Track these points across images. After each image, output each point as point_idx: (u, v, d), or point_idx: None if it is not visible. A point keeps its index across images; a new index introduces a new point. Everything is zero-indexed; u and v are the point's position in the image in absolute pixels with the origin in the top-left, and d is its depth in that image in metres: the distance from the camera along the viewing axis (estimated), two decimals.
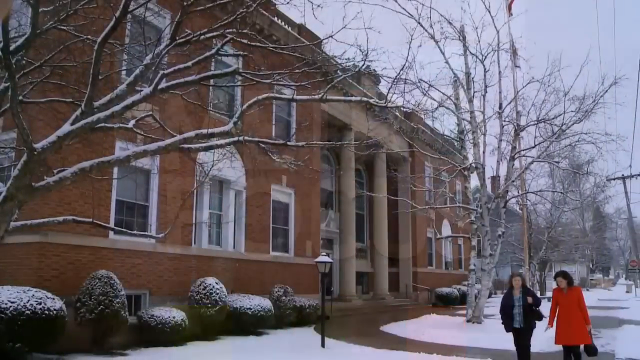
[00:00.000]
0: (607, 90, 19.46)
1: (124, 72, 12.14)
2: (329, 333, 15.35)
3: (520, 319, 9.88)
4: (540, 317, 9.99)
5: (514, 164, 21.10)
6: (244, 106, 7.94)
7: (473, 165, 20.13)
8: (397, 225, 33.11)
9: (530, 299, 9.87)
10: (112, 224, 13.15)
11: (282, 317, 18.25)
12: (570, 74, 21.34)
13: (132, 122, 7.68)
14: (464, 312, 21.98)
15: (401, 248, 33.40)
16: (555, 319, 9.69)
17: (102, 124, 6.86)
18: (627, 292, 52.68)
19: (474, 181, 22.85)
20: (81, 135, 7.18)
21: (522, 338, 9.99)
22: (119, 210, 14.36)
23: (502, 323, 10.25)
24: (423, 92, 18.94)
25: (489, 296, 27.11)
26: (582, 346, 9.52)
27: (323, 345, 13.88)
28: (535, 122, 20.64)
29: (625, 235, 71.70)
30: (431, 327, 17.87)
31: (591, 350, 9.45)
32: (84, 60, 9.01)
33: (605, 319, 22.87)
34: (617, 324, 20.37)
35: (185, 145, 7.53)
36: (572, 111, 20.00)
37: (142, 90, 6.99)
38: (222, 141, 8.15)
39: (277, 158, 10.31)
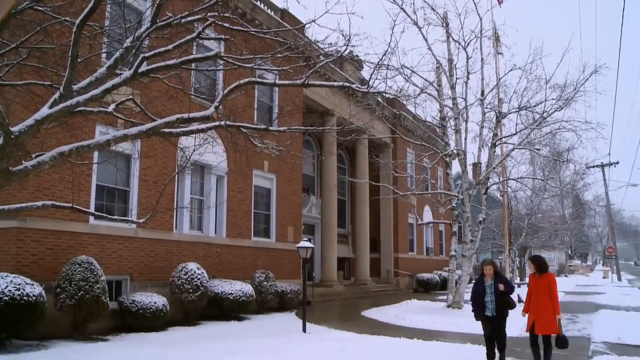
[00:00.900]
0: (587, 79, 19.62)
1: (104, 55, 11.98)
2: (310, 318, 15.41)
3: (492, 307, 9.35)
4: (513, 304, 9.48)
5: (495, 151, 21.22)
6: (226, 90, 7.86)
7: (455, 151, 20.21)
8: (379, 211, 33.24)
9: (502, 286, 9.36)
10: (92, 209, 13.05)
11: (264, 303, 18.29)
12: (552, 61, 21.53)
13: (112, 106, 7.57)
14: (444, 297, 22.15)
15: (383, 234, 33.59)
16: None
17: (82, 108, 6.76)
18: (604, 277, 53.55)
19: (455, 168, 22.92)
20: (60, 119, 7.07)
21: (495, 327, 9.41)
22: (99, 195, 14.22)
23: (473, 311, 9.75)
24: (405, 78, 18.95)
25: (470, 282, 27.32)
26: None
27: (304, 330, 13.93)
28: (517, 110, 20.76)
29: (603, 222, 72.75)
30: (412, 312, 17.99)
31: (559, 341, 8.81)
32: (63, 42, 8.87)
33: (583, 304, 23.26)
34: (593, 308, 20.69)
35: (166, 130, 7.45)
36: (553, 99, 20.16)
37: (122, 74, 6.89)
38: (204, 126, 8.09)
39: (258, 143, 10.26)
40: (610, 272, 52.10)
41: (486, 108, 20.88)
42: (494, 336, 9.49)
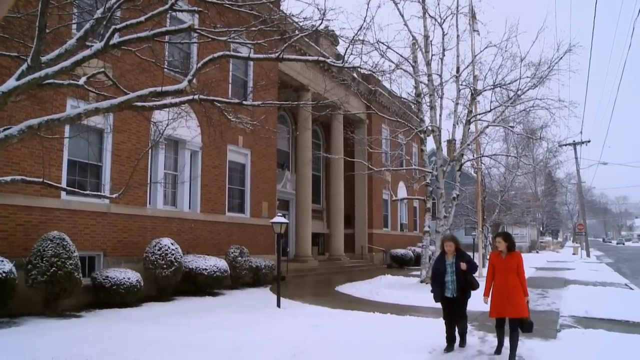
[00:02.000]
0: (561, 57, 19.76)
1: (74, 27, 11.70)
2: (284, 293, 15.47)
3: (453, 287, 8.70)
4: (474, 285, 8.75)
5: (469, 128, 21.34)
6: (199, 64, 7.74)
7: (429, 128, 20.26)
8: (354, 187, 33.35)
9: (464, 265, 8.67)
10: (64, 184, 12.84)
11: (238, 278, 18.31)
12: (527, 39, 21.75)
13: (83, 79, 7.40)
14: (418, 273, 22.40)
15: (357, 209, 33.73)
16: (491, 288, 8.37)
17: (51, 80, 6.59)
18: (574, 254, 54.62)
19: (430, 144, 23.00)
20: (28, 91, 6.91)
21: (455, 309, 8.78)
22: (71, 170, 14.00)
23: (432, 291, 8.99)
24: (381, 54, 18.86)
25: None
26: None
27: (279, 305, 13.98)
28: (492, 87, 20.86)
29: (574, 199, 74.10)
30: (386, 287, 18.15)
31: (526, 325, 8.10)
32: (29, 12, 8.64)
33: (553, 279, 23.74)
34: (563, 284, 21.11)
35: (139, 103, 7.32)
36: (527, 77, 20.28)
37: (93, 46, 6.73)
38: (177, 99, 7.97)
39: (233, 118, 10.16)
40: (580, 249, 53.14)
41: (461, 85, 20.97)
42: (454, 319, 8.84)
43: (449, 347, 8.73)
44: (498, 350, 8.37)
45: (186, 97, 8.06)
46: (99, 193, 12.74)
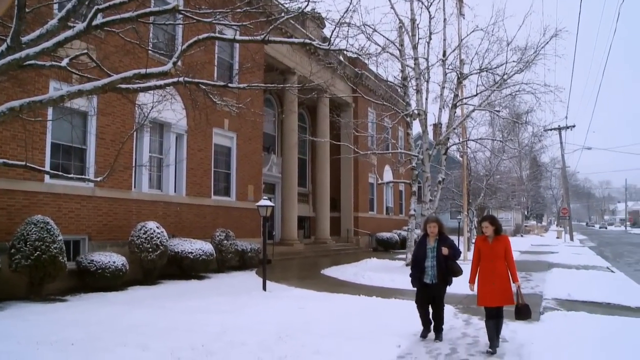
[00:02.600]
0: (547, 42, 19.77)
1: (55, 7, 11.51)
2: (270, 277, 15.51)
3: (433, 273, 8.19)
4: (456, 272, 8.23)
5: (455, 112, 21.34)
6: (184, 46, 7.66)
7: (416, 112, 20.26)
8: (339, 171, 33.35)
9: (446, 250, 8.15)
10: (47, 168, 12.71)
11: (224, 261, 18.32)
12: (514, 24, 21.75)
13: (66, 60, 7.29)
14: (403, 256, 22.50)
15: (343, 193, 33.76)
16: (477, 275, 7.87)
17: (32, 62, 6.49)
18: (558, 237, 55.21)
19: (416, 128, 23.00)
20: (9, 73, 6.80)
21: (433, 296, 8.28)
22: (55, 153, 13.86)
23: (410, 276, 8.55)
24: (367, 37, 18.76)
25: None
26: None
27: (265, 288, 14.01)
28: (478, 71, 20.84)
29: (559, 184, 74.75)
30: (371, 270, 18.24)
31: (522, 312, 7.72)
32: None
33: (537, 262, 23.98)
34: (546, 267, 21.33)
35: (123, 85, 7.24)
36: (513, 61, 20.28)
37: (75, 27, 6.62)
38: (162, 82, 7.89)
39: (218, 100, 10.09)
40: (564, 233, 53.67)
41: (448, 69, 20.92)
42: (427, 304, 8.34)
43: (424, 333, 8.33)
44: (492, 347, 7.53)
45: (171, 80, 7.98)
46: (83, 176, 12.61)
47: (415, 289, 8.57)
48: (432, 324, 8.39)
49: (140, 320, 9.32)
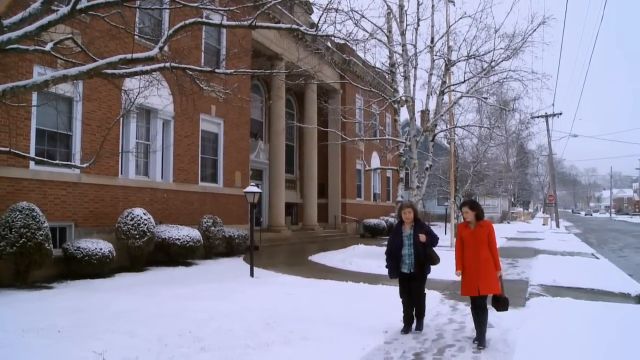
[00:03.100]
0: (535, 29, 19.75)
1: None
2: (258, 263, 15.52)
3: (410, 262, 7.77)
4: (434, 260, 7.85)
5: (443, 99, 21.34)
6: (170, 31, 7.58)
7: (403, 98, 20.22)
8: (327, 157, 33.36)
9: (423, 237, 7.70)
10: (32, 154, 12.60)
11: (211, 248, 18.30)
12: (502, 11, 21.59)
13: (50, 44, 7.19)
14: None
15: (330, 179, 33.80)
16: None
17: (15, 46, 6.39)
18: (544, 224, 55.67)
19: (403, 114, 22.99)
20: None
21: (412, 286, 7.86)
22: (40, 139, 13.72)
23: (387, 266, 8.13)
24: (355, 23, 18.64)
25: None
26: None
27: (252, 275, 14.02)
28: (466, 58, 20.82)
29: (545, 171, 75.27)
30: (359, 257, 18.29)
31: (500, 303, 7.39)
32: None
33: (523, 249, 24.18)
34: (532, 253, 21.51)
35: (109, 71, 7.16)
36: (501, 48, 20.26)
37: (59, 10, 6.53)
38: (148, 67, 7.81)
39: (205, 86, 10.02)
40: (550, 219, 54.11)
41: (435, 55, 20.88)
42: (412, 298, 7.94)
43: (406, 328, 7.86)
44: (479, 340, 7.21)
45: (157, 65, 7.91)
46: (69, 163, 12.56)
47: (395, 279, 8.14)
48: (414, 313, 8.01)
49: (127, 307, 9.30)
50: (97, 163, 12.71)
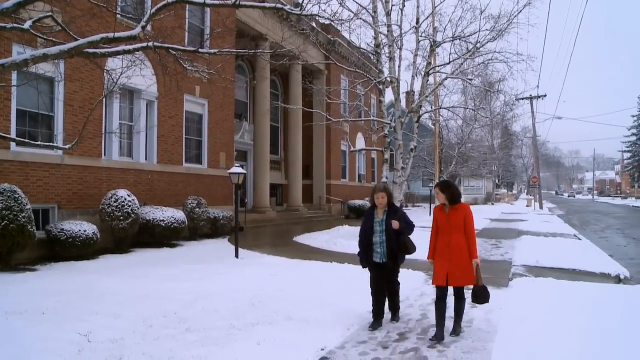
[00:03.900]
0: (521, 11, 19.74)
1: None
2: (242, 244, 15.52)
3: (382, 250, 7.13)
4: (409, 248, 7.14)
5: (428, 80, 21.32)
6: (153, 9, 7.48)
7: (388, 79, 20.17)
8: (312, 138, 33.30)
9: (395, 223, 7.02)
10: (13, 135, 12.44)
11: (196, 229, 18.27)
12: None
13: (29, 22, 7.06)
14: None
15: (315, 160, 33.78)
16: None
17: None
18: (527, 206, 56.14)
19: (388, 95, 22.97)
20: None
21: (385, 277, 7.30)
22: (21, 120, 13.54)
23: (358, 254, 7.48)
24: (340, 2, 18.53)
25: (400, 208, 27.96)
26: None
27: (237, 255, 14.04)
28: (451, 39, 20.78)
29: (529, 153, 75.81)
30: (343, 237, 18.34)
31: (480, 294, 6.71)
32: None
33: (507, 230, 24.41)
34: (516, 234, 21.73)
35: (90, 50, 7.07)
36: (486, 30, 20.24)
37: None
38: (130, 47, 7.71)
39: (189, 66, 9.93)
40: (533, 201, 54.54)
41: (421, 36, 20.81)
42: (384, 290, 7.37)
43: (376, 323, 7.15)
44: (438, 335, 6.52)
45: (140, 44, 7.80)
46: (51, 144, 12.39)
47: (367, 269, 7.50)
48: (387, 304, 7.48)
49: (112, 289, 9.27)
50: (80, 144, 12.62)
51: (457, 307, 6.74)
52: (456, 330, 6.70)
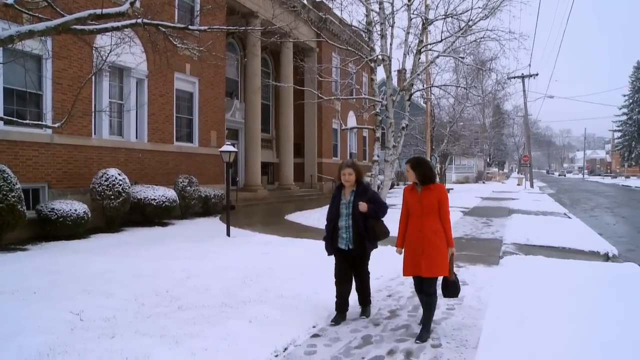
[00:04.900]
0: None
1: None
2: (234, 222, 15.54)
3: (348, 236, 6.29)
4: (378, 234, 6.30)
5: (420, 58, 21.22)
6: None
7: (380, 57, 20.08)
8: (303, 116, 33.19)
9: (364, 205, 6.16)
10: (0, 114, 12.32)
11: (188, 208, 18.26)
12: None
13: None
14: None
15: (307, 139, 33.70)
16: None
17: None
18: (518, 184, 56.37)
19: (380, 74, 22.92)
20: None
21: (351, 265, 6.50)
22: (8, 99, 13.41)
23: (324, 239, 6.59)
24: None
25: (391, 187, 28.13)
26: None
27: (228, 234, 14.05)
28: (443, 17, 20.65)
29: (521, 132, 75.94)
30: None
31: (448, 287, 6.03)
32: None
33: (498, 208, 24.52)
34: (507, 213, 21.83)
35: (78, 27, 6.97)
36: (479, 7, 20.11)
37: None
38: (119, 23, 7.61)
39: (179, 44, 9.83)
40: (524, 180, 54.76)
41: (413, 14, 20.67)
42: (349, 280, 6.55)
43: (339, 317, 6.41)
44: (421, 332, 5.88)
45: (129, 21, 7.71)
46: (40, 122, 12.31)
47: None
48: (358, 298, 6.73)
49: (103, 268, 9.27)
50: (70, 123, 12.52)
51: (428, 301, 5.92)
52: (422, 337, 5.77)
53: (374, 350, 5.41)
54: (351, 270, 6.52)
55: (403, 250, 6.04)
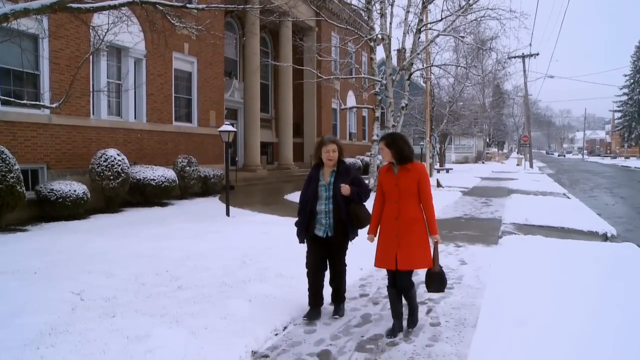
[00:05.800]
0: None
1: None
2: (233, 202, 15.54)
3: (327, 221, 5.62)
4: (362, 220, 5.55)
5: (419, 37, 21.13)
6: None
7: (379, 36, 19.99)
8: (303, 96, 33.05)
9: (346, 188, 5.49)
10: None
11: (187, 188, 18.26)
12: None
13: None
14: (366, 182, 22.72)
15: (306, 118, 33.61)
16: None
17: None
18: (518, 165, 56.40)
19: (380, 53, 22.77)
20: None
21: (327, 255, 5.81)
22: (5, 79, 13.33)
23: (296, 224, 5.92)
24: None
25: None
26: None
27: (228, 214, 14.07)
28: None
29: (521, 112, 75.77)
30: None
31: (435, 280, 5.23)
32: None
33: (497, 188, 24.57)
34: (506, 193, 21.88)
35: (74, 5, 6.91)
36: None
37: None
38: (116, 2, 7.55)
39: (177, 22, 9.76)
40: (524, 160, 54.74)
41: None
42: (324, 271, 5.86)
43: (313, 312, 5.77)
44: (395, 328, 5.27)
45: (126, 0, 7.65)
46: (37, 103, 12.22)
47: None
48: (331, 293, 6.07)
49: (103, 248, 9.28)
50: (68, 103, 12.46)
51: (406, 296, 5.32)
52: (413, 323, 5.41)
53: (373, 329, 5.44)
54: (324, 260, 5.82)
55: (376, 238, 5.34)
